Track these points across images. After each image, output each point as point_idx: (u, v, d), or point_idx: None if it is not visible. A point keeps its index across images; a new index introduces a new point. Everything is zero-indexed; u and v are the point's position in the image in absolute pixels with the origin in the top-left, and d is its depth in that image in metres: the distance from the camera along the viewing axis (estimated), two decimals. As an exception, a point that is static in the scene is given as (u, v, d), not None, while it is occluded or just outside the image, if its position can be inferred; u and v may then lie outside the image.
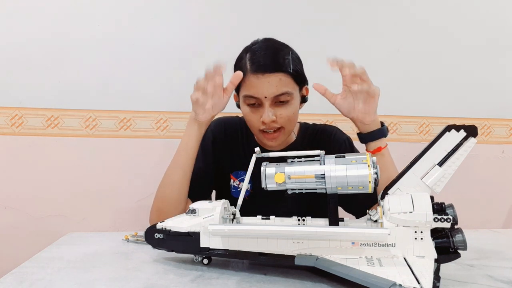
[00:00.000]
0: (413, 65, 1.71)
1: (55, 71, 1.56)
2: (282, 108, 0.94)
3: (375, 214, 0.69)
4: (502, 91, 1.77)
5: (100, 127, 1.60)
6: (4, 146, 1.57)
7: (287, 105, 0.94)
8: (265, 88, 0.91)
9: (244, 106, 0.97)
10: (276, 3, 1.64)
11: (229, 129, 1.10)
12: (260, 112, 0.94)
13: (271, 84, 0.91)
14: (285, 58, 0.93)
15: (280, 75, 0.91)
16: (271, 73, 0.91)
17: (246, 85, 0.93)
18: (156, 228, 0.75)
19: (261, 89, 0.91)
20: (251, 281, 0.67)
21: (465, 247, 0.65)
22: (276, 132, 0.96)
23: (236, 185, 1.07)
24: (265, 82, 0.91)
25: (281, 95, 0.92)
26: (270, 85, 0.91)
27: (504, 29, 1.75)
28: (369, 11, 1.68)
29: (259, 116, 0.94)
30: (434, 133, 1.53)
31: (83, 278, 0.68)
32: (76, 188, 1.60)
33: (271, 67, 0.91)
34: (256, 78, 0.91)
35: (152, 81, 1.60)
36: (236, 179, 1.07)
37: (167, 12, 1.60)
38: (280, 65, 0.92)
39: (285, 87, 0.92)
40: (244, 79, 0.92)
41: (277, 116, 0.93)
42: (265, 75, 0.91)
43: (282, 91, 0.92)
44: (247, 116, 0.97)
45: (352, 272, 0.60)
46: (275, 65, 0.92)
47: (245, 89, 0.94)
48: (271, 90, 0.91)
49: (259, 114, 0.94)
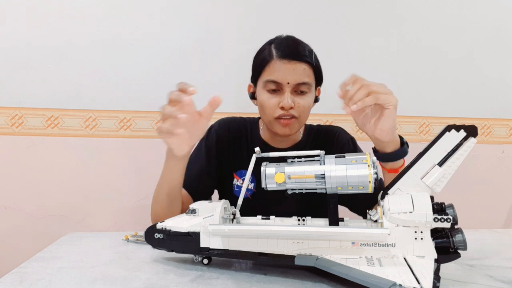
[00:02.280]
0: (413, 65, 1.71)
1: (55, 71, 1.56)
2: (300, 98, 0.97)
3: (375, 214, 0.69)
4: (502, 91, 1.77)
5: (100, 127, 1.60)
6: (4, 146, 1.57)
7: (305, 96, 0.97)
8: (289, 74, 0.94)
9: (262, 92, 0.98)
10: (276, 3, 1.64)
11: (233, 129, 1.10)
12: (279, 98, 0.96)
13: (295, 71, 0.94)
14: (308, 51, 0.97)
15: (305, 65, 0.95)
16: (297, 62, 0.94)
17: (270, 70, 0.96)
18: (156, 228, 0.75)
19: (285, 75, 0.94)
20: (251, 281, 0.67)
21: (465, 247, 0.65)
22: (291, 119, 0.97)
23: (239, 184, 1.07)
24: (290, 69, 0.94)
25: (302, 84, 0.95)
26: (294, 72, 0.94)
27: (504, 29, 1.75)
28: (369, 11, 1.68)
29: (277, 102, 0.96)
30: (434, 133, 1.53)
31: (83, 278, 0.68)
32: (76, 188, 1.60)
33: (297, 56, 0.95)
34: (282, 63, 0.94)
35: (152, 81, 1.60)
36: (239, 178, 1.08)
37: (167, 12, 1.60)
38: (306, 56, 0.95)
39: (307, 77, 0.96)
40: (269, 64, 0.96)
41: (295, 104, 0.96)
42: (291, 62, 0.94)
43: (304, 81, 0.95)
44: (265, 102, 0.98)
45: (352, 272, 0.60)
46: (301, 54, 0.95)
47: (268, 74, 0.96)
48: (295, 77, 0.94)
49: (278, 100, 0.96)
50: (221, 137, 1.08)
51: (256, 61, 1.01)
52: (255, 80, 1.01)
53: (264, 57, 0.97)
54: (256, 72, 1.00)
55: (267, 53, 0.97)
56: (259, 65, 0.99)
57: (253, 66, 1.02)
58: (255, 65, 1.01)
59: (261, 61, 0.98)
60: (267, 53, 0.97)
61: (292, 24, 1.63)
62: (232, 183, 1.08)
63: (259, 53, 1.01)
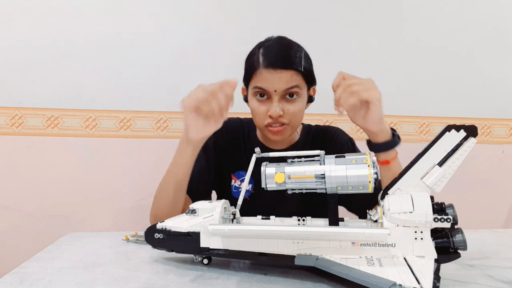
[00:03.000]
0: (413, 65, 1.71)
1: (55, 71, 1.56)
2: (290, 104, 0.96)
3: (375, 214, 0.69)
4: (502, 91, 1.77)
5: (100, 127, 1.60)
6: (4, 146, 1.57)
7: (295, 101, 0.96)
8: (276, 82, 0.93)
9: (252, 98, 0.98)
10: (276, 3, 1.64)
11: (230, 130, 1.10)
12: (268, 105, 0.95)
13: (282, 79, 0.93)
14: (297, 56, 0.96)
15: (292, 72, 0.94)
16: (283, 70, 0.93)
17: (258, 78, 0.95)
18: (156, 228, 0.75)
19: (272, 83, 0.93)
20: (251, 281, 0.67)
21: (465, 247, 0.65)
22: (281, 126, 0.97)
23: (237, 185, 1.07)
24: (276, 78, 0.93)
25: (291, 89, 0.94)
26: (281, 80, 0.93)
27: (504, 29, 1.75)
28: (369, 11, 1.68)
29: (266, 110, 0.95)
30: (434, 133, 1.53)
31: (83, 278, 0.68)
32: (76, 188, 1.60)
33: (283, 64, 0.94)
34: (268, 73, 0.93)
35: (152, 81, 1.60)
36: (237, 179, 1.07)
37: (167, 12, 1.60)
38: (292, 63, 0.94)
39: (295, 82, 0.95)
40: (256, 72, 0.95)
41: (284, 111, 0.95)
42: (277, 71, 0.93)
43: (292, 86, 0.94)
44: (255, 109, 0.98)
45: (352, 272, 0.60)
46: (287, 62, 0.94)
47: (256, 81, 0.96)
48: (281, 84, 0.93)
49: (267, 107, 0.95)
50: (219, 138, 1.08)
51: (246, 66, 1.00)
52: (246, 84, 1.01)
53: (252, 63, 0.96)
54: (246, 77, 1.00)
55: (255, 59, 0.96)
56: (248, 71, 0.98)
57: (244, 70, 1.02)
58: (245, 70, 1.01)
59: (249, 67, 0.98)
60: (256, 59, 0.96)
61: (292, 24, 1.63)
62: (230, 184, 1.08)
63: (249, 57, 1.00)
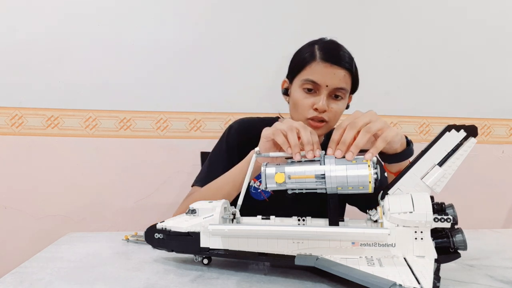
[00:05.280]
0: (414, 65, 1.71)
1: (55, 71, 1.56)
2: (335, 103, 0.97)
3: (375, 214, 0.69)
4: (502, 91, 1.77)
5: (100, 127, 1.60)
6: (4, 146, 1.56)
7: (339, 101, 0.98)
8: (329, 77, 0.95)
9: (298, 90, 0.99)
10: (277, 3, 1.64)
11: (252, 130, 1.09)
12: (314, 99, 0.96)
13: (336, 75, 0.95)
14: (351, 59, 0.98)
15: (345, 72, 0.96)
16: (338, 67, 0.95)
17: (311, 70, 0.96)
18: (156, 228, 0.75)
19: (325, 78, 0.95)
20: (251, 281, 0.67)
21: (465, 247, 0.65)
22: (321, 123, 0.98)
23: (256, 186, 1.07)
24: (331, 73, 0.95)
25: (340, 89, 0.96)
26: (335, 76, 0.95)
27: (504, 30, 1.75)
28: (369, 11, 1.68)
29: (311, 103, 0.96)
30: (434, 133, 1.53)
31: (83, 278, 0.68)
32: (76, 188, 1.60)
33: (339, 61, 0.96)
34: (324, 66, 0.95)
35: (152, 81, 1.60)
36: (257, 180, 1.08)
37: (167, 12, 1.60)
38: (347, 63, 0.96)
39: (345, 83, 0.96)
40: (310, 65, 0.96)
41: (329, 108, 0.96)
42: (333, 66, 0.95)
43: (342, 86, 0.96)
44: (299, 101, 0.98)
45: (352, 272, 0.60)
46: (343, 60, 0.96)
47: (307, 74, 0.97)
48: (334, 81, 0.95)
49: (313, 101, 0.96)
50: (241, 138, 1.08)
51: (297, 59, 1.01)
52: (292, 77, 1.02)
53: (305, 56, 0.98)
54: (294, 70, 1.00)
55: (309, 53, 0.98)
56: (299, 64, 0.99)
57: (291, 64, 1.03)
58: (294, 63, 1.02)
59: (302, 60, 0.99)
60: (310, 53, 0.97)
61: (292, 24, 1.63)
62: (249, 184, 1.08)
63: (300, 51, 1.02)
